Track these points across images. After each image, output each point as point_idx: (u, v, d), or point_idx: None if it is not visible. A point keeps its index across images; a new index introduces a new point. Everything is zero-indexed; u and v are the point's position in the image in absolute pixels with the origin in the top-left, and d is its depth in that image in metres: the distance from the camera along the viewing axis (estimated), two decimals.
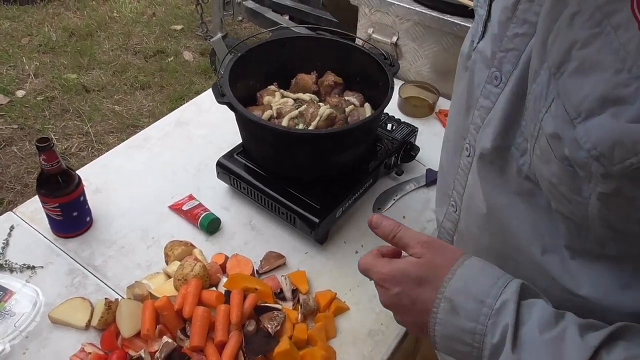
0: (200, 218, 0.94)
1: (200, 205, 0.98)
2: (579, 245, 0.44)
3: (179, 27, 3.25)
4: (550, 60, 0.39)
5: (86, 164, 1.10)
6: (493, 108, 0.49)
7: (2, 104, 2.50)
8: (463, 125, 0.56)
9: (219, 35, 2.51)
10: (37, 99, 2.55)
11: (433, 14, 1.26)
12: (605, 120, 0.34)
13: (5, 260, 0.87)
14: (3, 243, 0.90)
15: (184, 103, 1.29)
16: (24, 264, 0.87)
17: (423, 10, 1.27)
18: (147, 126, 1.20)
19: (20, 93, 2.58)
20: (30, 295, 0.82)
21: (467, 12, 1.24)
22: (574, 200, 0.40)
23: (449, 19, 1.25)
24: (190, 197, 1.01)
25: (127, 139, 1.17)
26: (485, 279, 0.47)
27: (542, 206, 0.46)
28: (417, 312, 0.51)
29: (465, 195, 0.58)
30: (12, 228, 0.93)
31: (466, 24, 1.22)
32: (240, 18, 2.64)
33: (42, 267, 0.87)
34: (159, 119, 1.24)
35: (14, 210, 0.97)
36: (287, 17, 2.60)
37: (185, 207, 0.97)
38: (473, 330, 0.46)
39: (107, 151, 1.14)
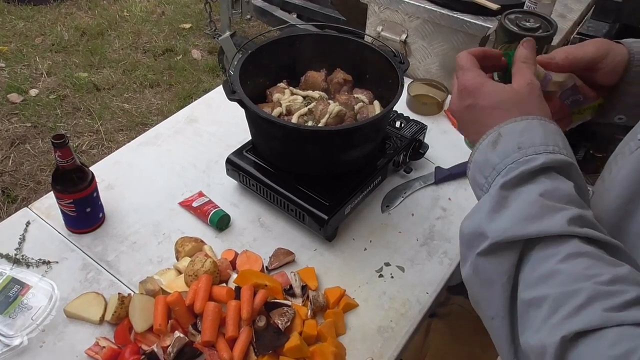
0: (210, 215, 0.95)
1: (210, 202, 0.99)
2: None
3: (187, 26, 3.26)
4: None
5: (96, 161, 1.12)
6: None
7: (16, 103, 2.54)
8: None
9: (227, 33, 2.52)
10: (50, 97, 2.59)
11: (443, 12, 1.26)
12: None
13: (22, 255, 0.88)
14: (20, 238, 0.91)
15: (192, 101, 1.30)
16: (40, 259, 0.88)
17: (432, 8, 1.27)
18: (156, 124, 1.22)
19: (33, 92, 2.62)
20: (46, 289, 0.84)
21: (477, 10, 1.24)
22: None
23: (458, 16, 1.24)
24: (200, 194, 1.02)
25: (136, 136, 1.18)
26: (542, 137, 0.47)
27: None
28: (473, 132, 0.53)
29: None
30: (28, 224, 0.94)
31: (476, 22, 1.22)
32: (248, 16, 2.65)
33: (57, 262, 0.89)
34: (167, 117, 1.25)
35: (29, 206, 0.99)
36: (295, 16, 2.60)
37: (195, 204, 0.98)
38: (494, 165, 0.48)
39: (117, 149, 1.15)
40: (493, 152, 0.49)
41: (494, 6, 1.22)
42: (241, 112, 0.92)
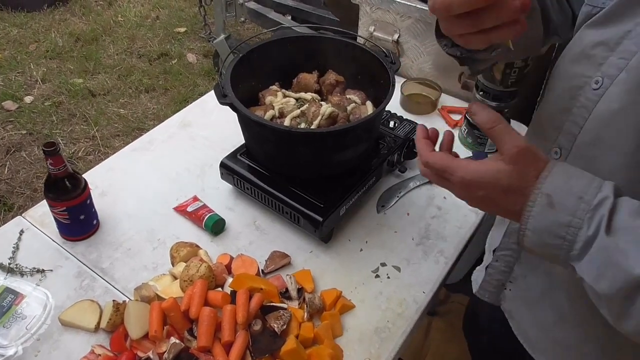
0: (205, 219, 0.95)
1: (204, 206, 0.99)
2: None
3: (182, 30, 3.26)
4: None
5: (91, 169, 1.11)
6: None
7: (11, 110, 2.53)
8: (588, 66, 0.55)
9: (222, 36, 2.52)
10: (45, 104, 2.59)
11: None
12: None
13: (16, 264, 0.88)
14: (13, 247, 0.91)
15: (188, 105, 1.30)
16: (34, 268, 0.88)
17: (424, 7, 1.27)
18: (150, 130, 1.22)
19: (28, 99, 2.62)
20: (41, 298, 0.83)
21: None
22: None
23: None
24: (195, 199, 1.02)
25: (132, 141, 1.18)
26: (581, 180, 0.49)
27: None
28: (503, 212, 0.53)
29: (586, 132, 0.56)
30: (22, 232, 0.94)
31: None
32: (242, 19, 2.65)
33: (51, 270, 0.88)
34: (163, 121, 1.25)
35: (23, 214, 0.99)
36: (289, 17, 2.60)
37: (189, 209, 0.98)
38: (569, 223, 0.48)
39: (113, 155, 1.15)
40: (557, 212, 0.49)
41: None
42: (235, 115, 0.92)
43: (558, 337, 0.69)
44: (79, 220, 0.91)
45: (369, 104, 1.02)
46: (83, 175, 0.92)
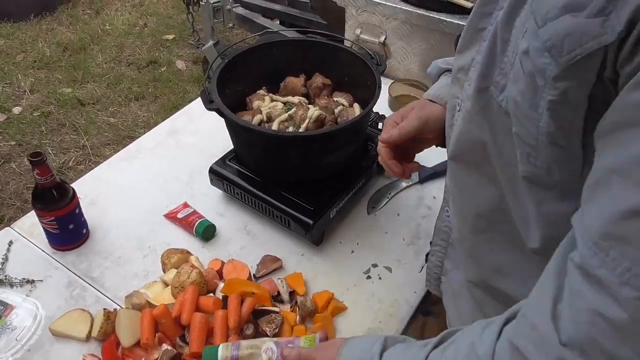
0: (195, 225, 0.95)
1: (195, 212, 0.99)
2: (530, 171, 0.50)
3: (170, 37, 3.26)
4: None
5: (79, 178, 1.11)
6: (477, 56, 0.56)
7: None
8: (458, 87, 0.62)
9: (211, 42, 2.52)
10: (34, 114, 2.57)
11: (419, 12, 1.27)
12: (564, 19, 0.40)
13: (5, 275, 0.87)
14: (2, 258, 0.90)
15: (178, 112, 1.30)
16: (24, 278, 0.87)
17: (409, 9, 1.28)
18: (138, 138, 1.21)
19: (16, 110, 2.60)
20: (30, 308, 0.83)
21: (453, 9, 1.25)
22: (530, 118, 0.46)
23: (435, 16, 1.25)
24: (185, 205, 1.02)
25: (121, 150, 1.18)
26: (364, 342, 0.58)
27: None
28: None
29: (452, 148, 0.63)
30: (10, 243, 0.94)
31: (452, 21, 1.23)
32: (230, 25, 2.65)
33: (41, 280, 0.88)
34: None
35: (11, 225, 0.98)
36: (277, 22, 2.61)
37: (180, 215, 0.98)
38: None
39: (101, 164, 1.15)
40: None
41: (469, 4, 1.23)
42: (222, 121, 0.92)
43: None
44: (68, 230, 0.90)
45: (356, 106, 1.03)
46: (71, 185, 0.91)
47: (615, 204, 0.36)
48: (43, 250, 0.93)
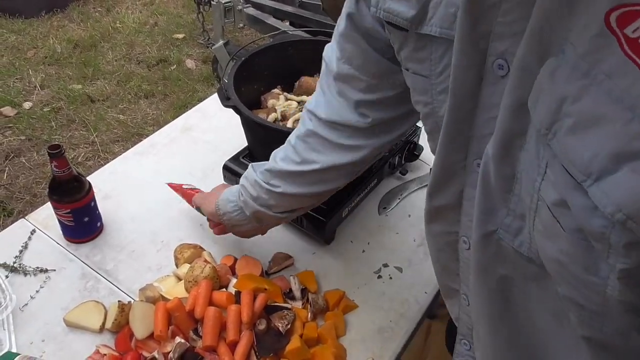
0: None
1: (198, 189, 0.97)
2: (594, 335, 0.38)
3: (180, 36, 3.28)
4: (537, 122, 0.34)
5: (93, 173, 1.12)
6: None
7: (10, 116, 2.53)
8: (447, 223, 0.53)
9: (221, 42, 2.53)
10: (44, 110, 2.59)
11: None
12: (626, 177, 0.29)
13: (20, 264, 0.88)
14: (22, 246, 0.91)
15: (187, 110, 1.31)
16: (37, 267, 0.89)
17: None
18: (152, 134, 1.22)
19: (27, 105, 2.62)
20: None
21: None
22: (589, 283, 0.34)
23: None
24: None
25: (132, 147, 1.19)
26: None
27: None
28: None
29: (471, 290, 0.52)
30: (33, 232, 0.95)
31: None
32: (241, 25, 2.67)
33: (54, 270, 0.89)
34: (163, 126, 1.26)
35: (27, 217, 0.99)
36: (287, 23, 2.62)
37: (185, 186, 0.97)
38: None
39: (113, 160, 1.16)
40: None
41: None
42: (236, 119, 0.93)
43: None
44: (83, 223, 0.91)
45: None
46: (87, 178, 0.92)
47: None
48: (57, 243, 0.94)
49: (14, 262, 0.89)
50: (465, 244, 0.51)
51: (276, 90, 1.06)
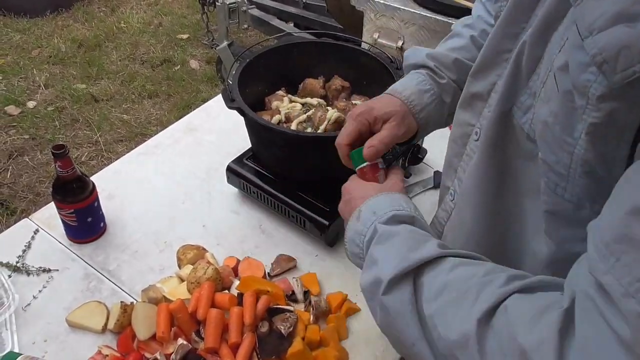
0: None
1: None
2: (555, 204, 0.46)
3: (185, 36, 3.29)
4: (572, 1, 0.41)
5: (96, 172, 1.12)
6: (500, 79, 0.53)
7: (13, 115, 2.54)
8: (472, 114, 0.60)
9: (225, 43, 2.54)
10: (48, 109, 2.60)
11: (438, 18, 1.28)
12: (617, 30, 0.35)
13: (23, 264, 0.88)
14: (25, 246, 0.91)
15: (191, 111, 1.31)
16: (40, 267, 0.89)
17: (428, 14, 1.29)
18: (155, 134, 1.22)
19: (31, 104, 2.63)
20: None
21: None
22: (563, 143, 0.42)
23: (453, 22, 1.26)
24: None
25: (135, 147, 1.19)
26: (389, 202, 0.60)
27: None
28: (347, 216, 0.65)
29: (466, 180, 0.61)
30: (36, 232, 0.95)
31: None
32: (245, 26, 2.67)
33: (57, 270, 0.89)
34: (166, 127, 1.26)
35: (30, 217, 0.99)
36: (292, 25, 2.62)
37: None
38: (361, 231, 0.59)
39: (116, 159, 1.16)
40: (358, 223, 0.60)
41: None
42: (240, 120, 0.93)
43: None
44: (86, 223, 0.91)
45: None
46: (90, 178, 0.92)
47: (626, 202, 0.34)
48: (60, 242, 0.94)
49: (17, 262, 0.89)
50: (476, 135, 0.58)
51: (280, 92, 1.06)
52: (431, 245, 0.53)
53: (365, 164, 0.69)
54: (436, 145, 1.18)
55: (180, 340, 0.75)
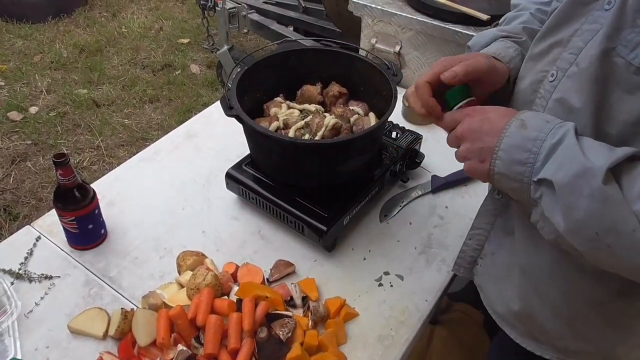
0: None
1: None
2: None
3: (185, 41, 3.30)
4: None
5: (98, 177, 1.13)
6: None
7: (16, 121, 2.56)
8: (546, 62, 0.63)
9: (225, 47, 2.56)
10: (50, 114, 2.61)
11: (435, 23, 1.28)
12: None
13: (25, 271, 0.90)
14: (27, 253, 0.93)
15: (191, 115, 1.32)
16: (42, 274, 0.90)
17: (425, 20, 1.29)
18: (157, 139, 1.24)
19: (33, 109, 2.64)
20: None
21: (468, 20, 1.27)
22: None
23: (450, 27, 1.27)
24: None
25: (137, 151, 1.20)
26: (542, 116, 0.59)
27: None
28: (488, 135, 0.61)
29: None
30: (38, 239, 0.96)
31: (467, 32, 1.24)
32: (245, 30, 2.69)
33: (59, 277, 0.90)
34: (167, 131, 1.27)
35: (32, 224, 1.00)
36: (291, 29, 2.63)
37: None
38: (536, 137, 0.57)
39: (118, 164, 1.17)
40: (527, 131, 0.58)
41: (484, 16, 1.24)
42: (240, 126, 0.94)
43: (516, 310, 0.77)
44: (87, 230, 0.92)
45: (371, 115, 1.05)
46: (90, 185, 0.94)
47: None
48: (62, 249, 0.96)
49: (20, 269, 0.90)
50: (552, 77, 0.62)
51: (278, 99, 1.07)
52: (624, 148, 0.55)
53: (466, 100, 0.67)
54: (433, 150, 1.19)
55: (180, 346, 0.76)
